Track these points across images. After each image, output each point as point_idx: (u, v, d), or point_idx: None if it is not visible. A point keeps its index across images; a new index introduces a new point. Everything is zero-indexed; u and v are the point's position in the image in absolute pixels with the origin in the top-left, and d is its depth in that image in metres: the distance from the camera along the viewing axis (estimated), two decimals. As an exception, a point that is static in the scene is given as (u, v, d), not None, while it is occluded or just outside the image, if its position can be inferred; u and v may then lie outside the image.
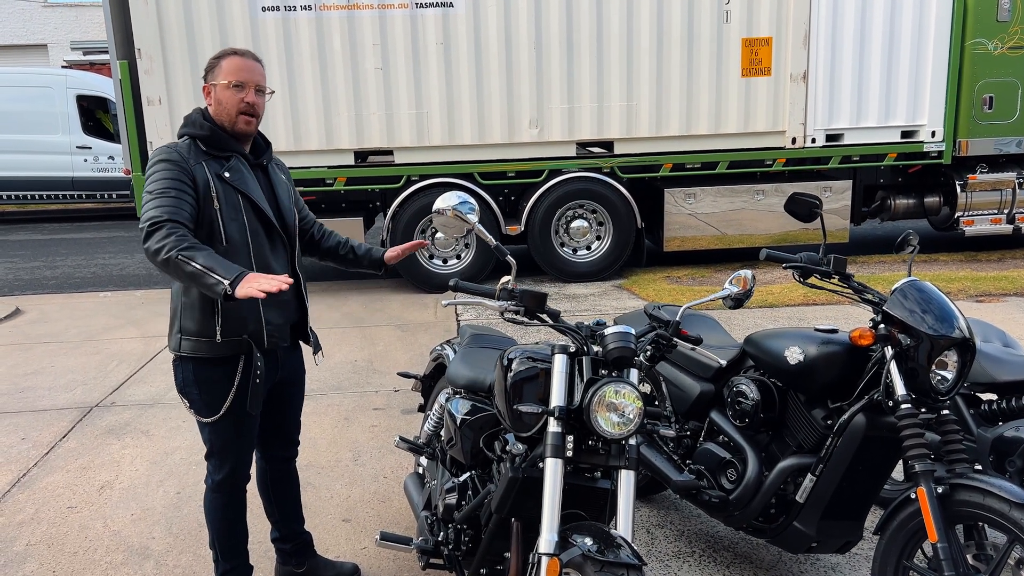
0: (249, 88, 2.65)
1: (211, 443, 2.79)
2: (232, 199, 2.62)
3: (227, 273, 2.30)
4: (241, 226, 2.63)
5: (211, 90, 2.67)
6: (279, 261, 2.75)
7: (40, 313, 7.70)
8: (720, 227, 8.54)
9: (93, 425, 4.89)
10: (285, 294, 2.67)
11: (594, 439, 2.25)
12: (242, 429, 2.77)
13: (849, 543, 2.93)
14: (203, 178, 2.56)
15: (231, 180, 2.62)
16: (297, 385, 3.02)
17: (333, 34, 7.71)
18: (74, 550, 3.51)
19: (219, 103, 2.65)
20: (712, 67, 8.10)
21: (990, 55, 8.27)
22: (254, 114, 2.67)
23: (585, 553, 2.03)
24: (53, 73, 14.80)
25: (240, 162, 2.69)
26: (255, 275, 2.31)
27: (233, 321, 2.63)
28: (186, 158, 2.57)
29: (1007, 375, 3.10)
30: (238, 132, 2.68)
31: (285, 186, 2.87)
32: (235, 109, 2.64)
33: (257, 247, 2.66)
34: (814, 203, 2.96)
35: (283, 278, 2.27)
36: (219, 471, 2.81)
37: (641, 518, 3.64)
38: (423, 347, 6.24)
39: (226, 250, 2.57)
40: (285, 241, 2.78)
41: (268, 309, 2.70)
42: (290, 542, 3.16)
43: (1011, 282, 7.52)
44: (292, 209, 2.84)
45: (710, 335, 3.41)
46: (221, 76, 2.64)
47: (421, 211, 8.01)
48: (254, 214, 2.67)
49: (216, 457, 2.80)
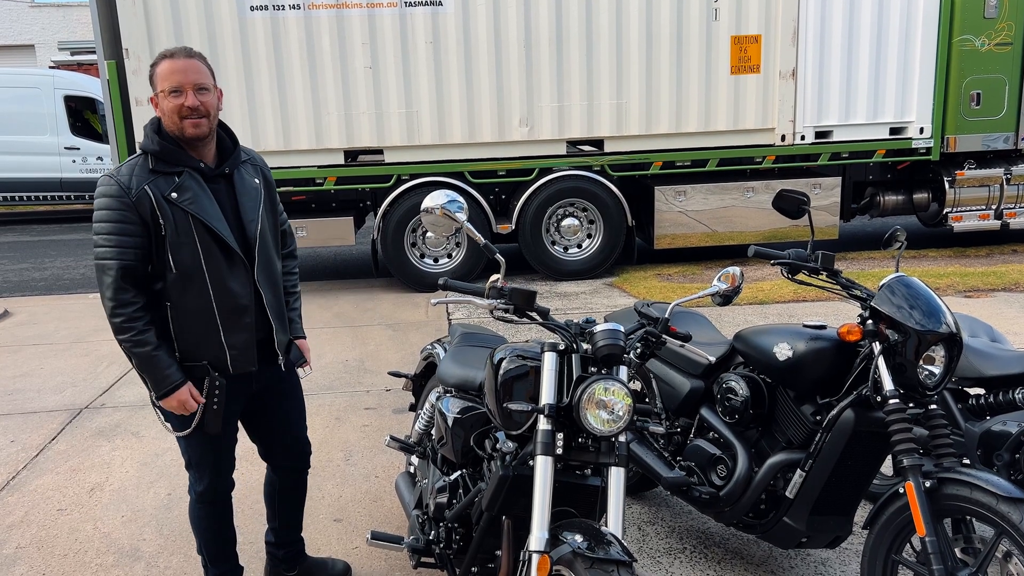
0: (187, 90, 2.48)
1: (188, 456, 2.78)
2: (182, 222, 2.48)
3: (156, 386, 2.54)
4: (193, 251, 2.50)
5: (155, 100, 2.55)
6: (237, 281, 2.59)
7: (29, 315, 7.65)
8: (710, 225, 8.56)
9: (83, 427, 4.87)
10: (247, 315, 2.62)
11: (584, 436, 2.25)
12: (216, 444, 2.74)
13: (839, 538, 2.95)
14: (147, 205, 2.44)
15: (180, 201, 2.48)
16: (282, 395, 2.89)
17: (322, 33, 7.69)
18: (64, 552, 3.49)
19: (163, 113, 2.52)
20: (701, 65, 8.11)
21: (977, 52, 8.32)
22: (202, 114, 2.51)
23: (575, 550, 2.04)
24: (40, 73, 14.71)
25: (192, 178, 2.52)
26: (178, 398, 2.54)
27: (190, 347, 2.58)
28: (127, 187, 2.44)
29: (994, 370, 3.12)
30: (189, 138, 2.52)
31: (253, 193, 2.66)
32: (177, 115, 2.49)
33: (212, 270, 2.53)
34: (802, 200, 2.97)
35: (191, 404, 2.56)
36: (199, 483, 2.80)
37: (632, 515, 3.65)
38: (414, 346, 6.23)
39: (176, 276, 2.51)
40: (244, 260, 2.61)
41: (230, 334, 2.60)
42: (284, 548, 3.15)
43: (999, 277, 7.56)
44: (255, 220, 2.64)
45: (700, 332, 3.42)
46: (158, 84, 2.51)
47: (411, 210, 8.00)
48: (208, 235, 2.51)
49: (195, 469, 2.79)
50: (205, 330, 2.57)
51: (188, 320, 2.56)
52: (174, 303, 2.54)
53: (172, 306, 2.55)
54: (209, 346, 2.59)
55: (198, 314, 2.56)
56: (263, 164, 2.79)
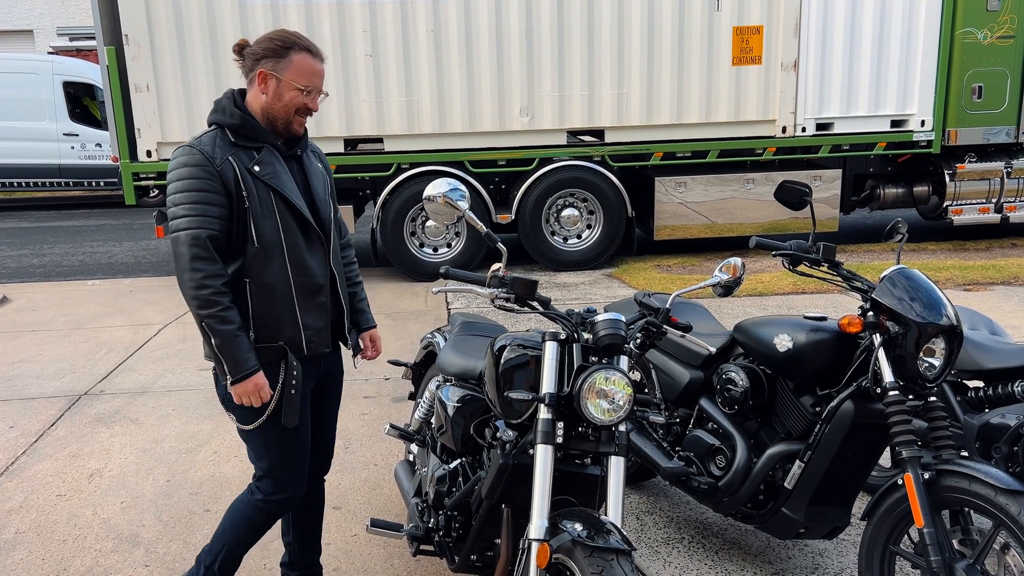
0: (316, 93, 2.50)
1: (267, 460, 2.58)
2: (264, 195, 2.44)
3: (234, 369, 2.38)
4: (274, 224, 2.45)
5: (270, 79, 2.44)
6: (315, 259, 2.56)
7: (28, 301, 7.65)
8: (710, 216, 8.55)
9: (82, 413, 4.87)
10: (323, 294, 2.57)
11: (584, 426, 2.26)
12: (300, 440, 2.59)
13: (837, 529, 2.96)
14: (231, 175, 2.39)
15: (262, 175, 2.44)
16: (334, 388, 2.81)
17: (323, 21, 7.66)
18: (63, 538, 3.50)
19: (279, 98, 2.45)
20: (703, 56, 8.09)
21: (980, 44, 8.30)
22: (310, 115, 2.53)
23: (575, 539, 2.04)
24: (39, 59, 14.63)
25: (272, 154, 2.49)
26: (255, 383, 2.40)
27: (267, 327, 2.48)
28: (211, 157, 2.38)
29: (994, 362, 3.12)
30: (291, 132, 2.52)
31: (322, 176, 2.67)
32: (295, 111, 2.48)
33: (291, 246, 2.49)
34: (804, 191, 2.97)
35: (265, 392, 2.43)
36: (279, 491, 2.59)
37: (631, 505, 3.66)
38: (414, 335, 6.24)
39: (258, 250, 2.44)
40: (321, 237, 2.58)
41: (306, 313, 2.53)
42: (299, 570, 2.93)
43: (998, 271, 7.57)
44: (328, 201, 2.65)
45: (700, 323, 3.42)
46: (290, 73, 2.43)
47: (411, 199, 7.98)
48: (287, 210, 2.48)
49: (274, 477, 2.58)
50: (282, 309, 2.49)
51: (267, 298, 2.47)
52: (254, 279, 2.45)
53: (252, 282, 2.45)
54: (286, 326, 2.50)
55: (277, 291, 2.48)
56: (322, 154, 2.78)
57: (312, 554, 2.94)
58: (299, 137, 2.59)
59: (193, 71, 7.59)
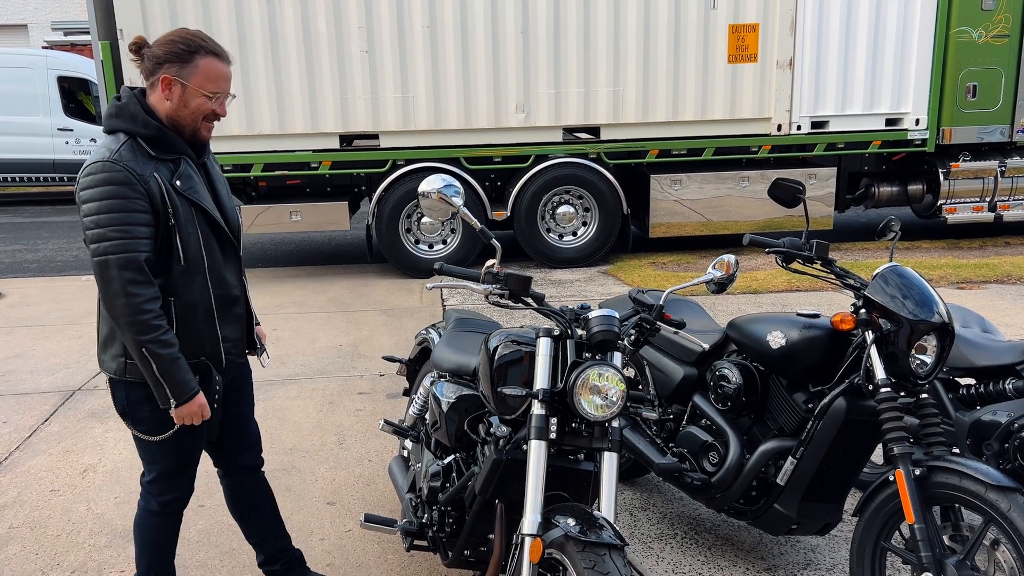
0: (224, 97, 2.41)
1: (160, 466, 2.54)
2: (187, 211, 2.36)
3: (177, 393, 2.33)
4: (196, 240, 2.39)
5: (175, 86, 2.34)
6: (230, 270, 2.54)
7: (21, 296, 7.63)
8: (705, 213, 8.56)
9: (76, 408, 4.87)
10: (239, 305, 2.56)
11: (577, 421, 2.27)
12: (196, 448, 2.59)
13: (829, 525, 2.97)
14: (157, 192, 2.29)
15: (183, 189, 2.36)
16: (244, 388, 2.76)
17: (318, 16, 7.64)
18: (57, 533, 3.50)
19: (185, 105, 2.35)
20: (699, 53, 8.09)
21: (974, 43, 8.32)
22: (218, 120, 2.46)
23: (568, 533, 2.05)
24: (34, 54, 14.58)
25: (189, 166, 2.41)
26: (198, 403, 2.38)
27: (190, 344, 2.41)
28: (137, 174, 2.26)
29: (985, 360, 3.14)
30: (199, 139, 2.44)
31: (223, 181, 2.61)
32: (201, 116, 2.39)
33: (211, 261, 2.45)
34: (797, 188, 2.98)
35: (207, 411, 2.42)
36: (167, 492, 2.58)
37: (624, 501, 3.67)
38: (408, 332, 6.24)
39: (184, 268, 2.37)
40: (235, 246, 2.56)
41: (225, 326, 2.51)
42: (278, 562, 2.91)
43: (992, 269, 7.59)
44: (234, 207, 2.60)
45: (694, 320, 3.44)
46: (196, 79, 2.34)
47: (406, 196, 7.98)
48: (206, 224, 2.43)
49: (165, 480, 2.57)
50: (204, 325, 2.45)
51: (190, 315, 2.42)
52: (179, 296, 2.39)
53: (176, 300, 2.39)
54: (207, 341, 2.47)
55: (199, 308, 2.43)
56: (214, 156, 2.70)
57: (280, 540, 2.92)
58: (205, 143, 2.51)
59: (188, 66, 7.56)
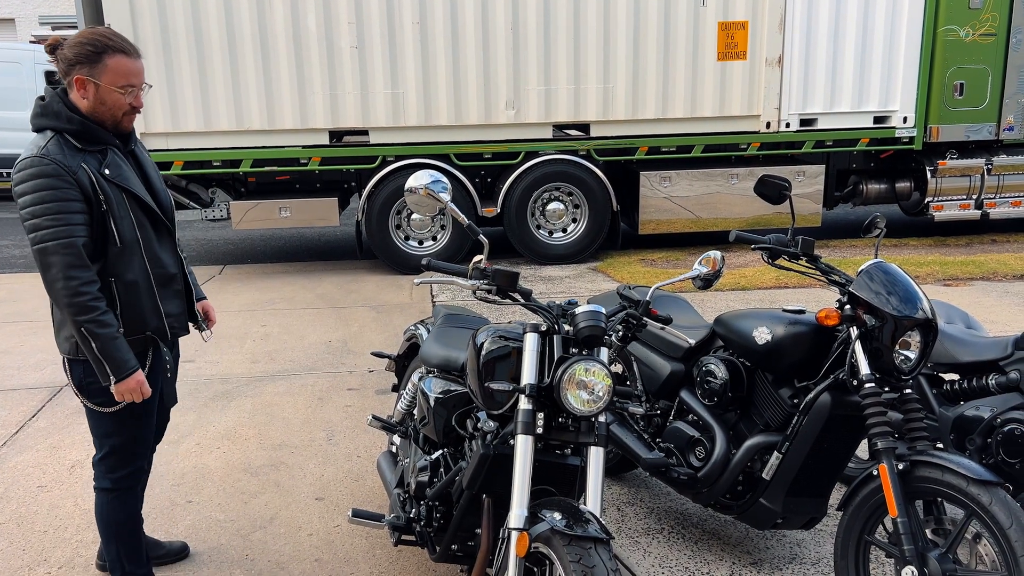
0: (138, 90, 2.54)
1: (114, 440, 2.68)
2: (117, 197, 2.52)
3: (117, 370, 2.47)
4: (130, 223, 2.56)
5: (88, 85, 2.47)
6: (165, 251, 2.70)
7: (9, 292, 7.59)
8: (695, 210, 8.59)
9: (63, 404, 4.85)
10: (177, 282, 2.74)
11: (564, 416, 2.28)
12: (149, 421, 2.73)
13: (814, 519, 3.00)
14: (87, 181, 2.45)
15: (112, 177, 2.51)
16: (174, 367, 2.89)
17: (308, 12, 7.63)
18: (44, 528, 3.49)
19: (101, 103, 2.49)
20: (688, 51, 8.12)
21: (962, 42, 8.37)
22: (138, 111, 2.59)
23: (554, 528, 2.06)
24: (21, 48, 14.46)
25: (116, 154, 2.57)
26: (136, 380, 2.50)
27: (134, 321, 2.60)
28: (65, 166, 2.41)
29: (969, 356, 3.16)
30: (121, 130, 2.58)
31: (154, 166, 2.78)
32: (121, 111, 2.53)
33: (146, 242, 2.61)
34: (783, 185, 3.00)
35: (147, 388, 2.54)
36: (122, 467, 2.71)
37: (611, 496, 3.69)
38: (398, 328, 6.24)
39: (120, 249, 2.53)
40: (169, 227, 2.72)
41: (166, 301, 2.69)
42: None
43: (978, 266, 7.65)
44: (166, 190, 2.77)
45: (680, 315, 3.45)
46: (107, 77, 2.47)
47: (396, 192, 7.97)
48: (139, 207, 2.59)
49: (119, 454, 2.70)
50: (146, 302, 2.63)
51: (132, 293, 2.59)
52: (119, 277, 2.55)
53: (117, 280, 2.55)
54: (151, 317, 2.65)
55: (139, 286, 2.60)
56: (143, 144, 2.85)
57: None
58: (130, 133, 2.66)
59: (176, 62, 7.55)
